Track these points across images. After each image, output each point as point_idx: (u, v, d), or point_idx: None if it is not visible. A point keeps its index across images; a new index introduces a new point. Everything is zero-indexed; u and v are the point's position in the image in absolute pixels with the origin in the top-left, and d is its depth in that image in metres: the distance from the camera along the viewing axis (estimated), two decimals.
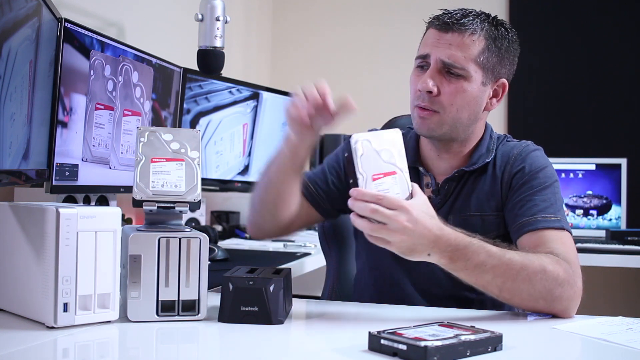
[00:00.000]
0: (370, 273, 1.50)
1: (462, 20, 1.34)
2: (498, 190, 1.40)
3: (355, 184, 1.10)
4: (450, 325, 0.99)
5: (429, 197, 1.29)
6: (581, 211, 3.00)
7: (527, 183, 1.36)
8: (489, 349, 0.93)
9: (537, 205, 1.32)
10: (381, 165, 1.12)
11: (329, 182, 1.48)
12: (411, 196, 1.14)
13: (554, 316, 1.21)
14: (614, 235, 2.75)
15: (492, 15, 1.40)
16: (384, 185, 1.11)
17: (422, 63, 1.37)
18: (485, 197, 1.40)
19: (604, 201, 2.99)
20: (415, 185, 1.17)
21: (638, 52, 3.33)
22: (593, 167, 3.01)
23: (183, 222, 1.14)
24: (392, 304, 1.35)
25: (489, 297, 1.21)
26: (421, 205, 1.13)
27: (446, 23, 1.34)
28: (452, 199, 1.41)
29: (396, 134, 1.16)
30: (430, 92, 1.33)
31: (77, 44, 1.56)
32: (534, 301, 1.19)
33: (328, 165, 1.52)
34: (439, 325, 0.99)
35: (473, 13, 1.37)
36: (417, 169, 1.44)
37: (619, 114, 3.34)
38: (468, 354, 0.91)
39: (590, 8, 3.39)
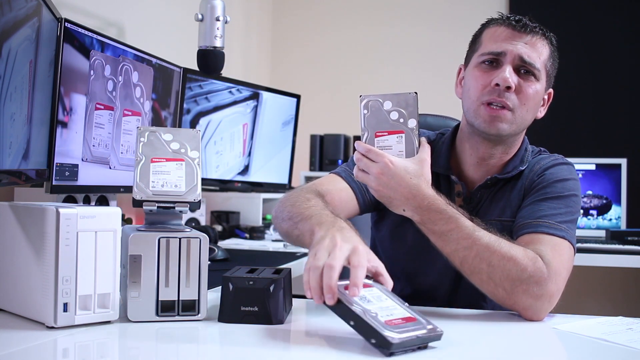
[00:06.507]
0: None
1: (534, 24, 1.35)
2: (521, 197, 1.38)
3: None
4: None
5: (460, 206, 1.28)
6: (581, 211, 3.00)
7: (543, 189, 1.35)
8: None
9: (543, 211, 1.29)
10: (387, 124, 1.23)
11: None
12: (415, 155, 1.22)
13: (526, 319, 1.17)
14: (614, 235, 2.75)
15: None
16: (386, 142, 1.23)
17: (491, 59, 1.34)
18: (509, 203, 1.38)
19: (604, 201, 2.99)
20: (425, 148, 1.22)
21: (638, 52, 3.33)
22: (593, 167, 3.01)
23: (183, 222, 1.13)
24: None
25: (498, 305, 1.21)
26: (408, 165, 1.19)
27: (520, 22, 1.34)
28: (479, 205, 1.40)
29: (410, 96, 1.23)
30: (509, 87, 1.31)
31: (77, 44, 1.56)
32: (494, 287, 1.16)
33: None
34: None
35: (532, 20, 1.37)
36: (449, 177, 1.42)
37: (619, 114, 3.34)
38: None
39: (591, 8, 3.39)
